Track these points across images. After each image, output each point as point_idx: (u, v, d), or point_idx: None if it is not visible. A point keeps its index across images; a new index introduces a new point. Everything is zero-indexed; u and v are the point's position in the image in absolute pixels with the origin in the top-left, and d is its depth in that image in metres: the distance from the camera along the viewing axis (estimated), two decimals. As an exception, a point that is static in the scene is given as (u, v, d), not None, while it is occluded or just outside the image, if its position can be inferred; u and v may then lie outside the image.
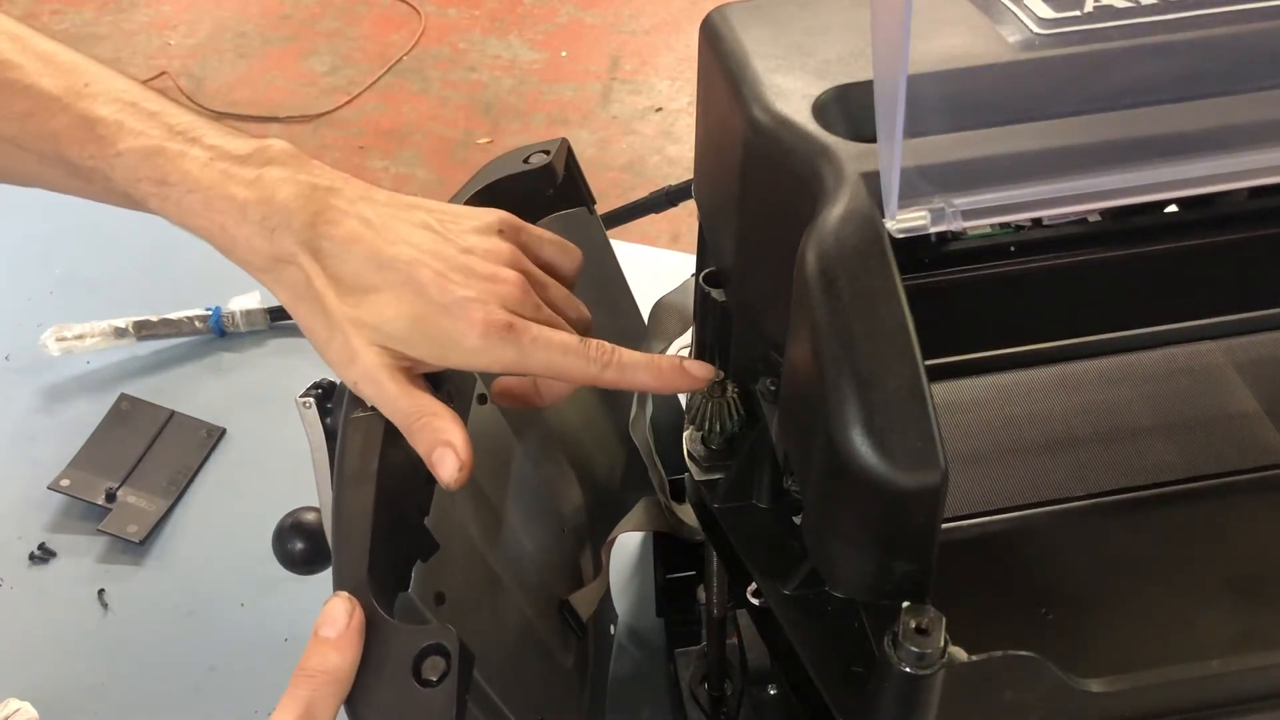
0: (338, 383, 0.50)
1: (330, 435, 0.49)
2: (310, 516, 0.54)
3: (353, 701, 0.40)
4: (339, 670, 0.39)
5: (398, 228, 0.48)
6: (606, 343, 0.49)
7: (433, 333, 0.46)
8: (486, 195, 0.58)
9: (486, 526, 0.58)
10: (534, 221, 0.61)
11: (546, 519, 0.67)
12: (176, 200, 0.48)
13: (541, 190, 0.60)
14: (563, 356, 0.48)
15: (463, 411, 0.54)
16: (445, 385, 0.52)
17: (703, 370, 0.49)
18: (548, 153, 0.59)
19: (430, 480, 0.50)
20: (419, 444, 0.46)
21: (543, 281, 0.52)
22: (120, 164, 0.48)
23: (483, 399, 0.59)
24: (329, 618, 0.40)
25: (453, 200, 0.56)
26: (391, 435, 0.46)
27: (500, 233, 0.51)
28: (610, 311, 0.70)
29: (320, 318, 0.47)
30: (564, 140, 0.61)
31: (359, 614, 0.40)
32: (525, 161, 0.59)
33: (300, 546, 0.54)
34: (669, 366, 0.49)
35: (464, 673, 0.39)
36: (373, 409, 0.47)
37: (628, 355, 0.49)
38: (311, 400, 0.49)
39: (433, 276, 0.47)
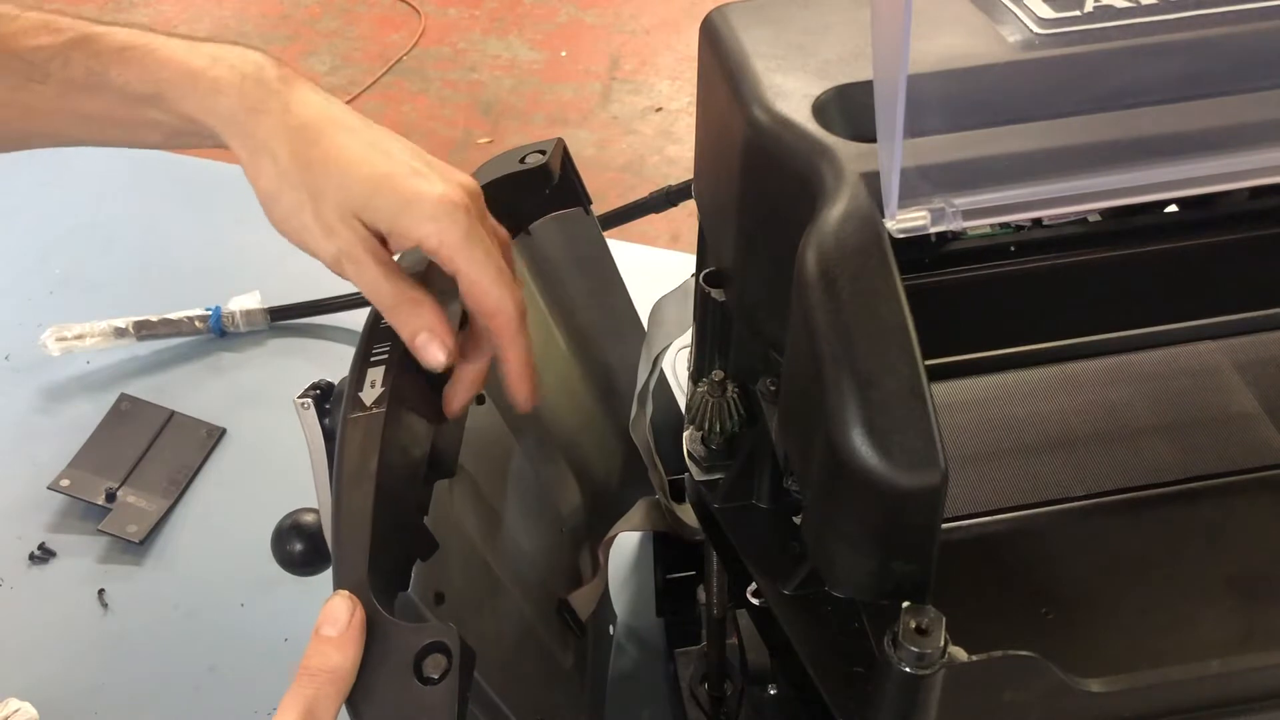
0: (335, 383, 0.50)
1: (329, 435, 0.49)
2: (309, 517, 0.54)
3: (354, 700, 0.40)
4: (340, 669, 0.39)
5: (364, 119, 0.49)
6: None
7: (396, 190, 0.46)
8: (484, 195, 0.58)
9: (485, 526, 0.58)
10: (530, 222, 0.61)
11: (545, 519, 0.67)
12: (140, 60, 0.48)
13: (537, 190, 0.60)
14: (494, 270, 0.47)
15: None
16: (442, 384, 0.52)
17: (530, 402, 0.51)
18: (543, 153, 0.59)
19: (429, 479, 0.50)
20: (403, 327, 0.46)
21: (500, 236, 0.52)
22: (79, 47, 0.48)
23: (481, 399, 0.59)
24: (330, 617, 0.40)
25: None
26: (390, 434, 0.46)
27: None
28: (605, 311, 0.70)
29: (282, 179, 0.47)
30: (559, 140, 0.61)
31: (360, 613, 0.40)
32: (521, 162, 0.59)
33: (299, 548, 0.54)
34: (531, 372, 0.50)
35: (465, 671, 0.39)
36: (371, 407, 0.47)
37: (522, 329, 0.49)
38: (310, 401, 0.49)
39: (400, 147, 0.48)
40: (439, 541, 0.49)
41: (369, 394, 0.47)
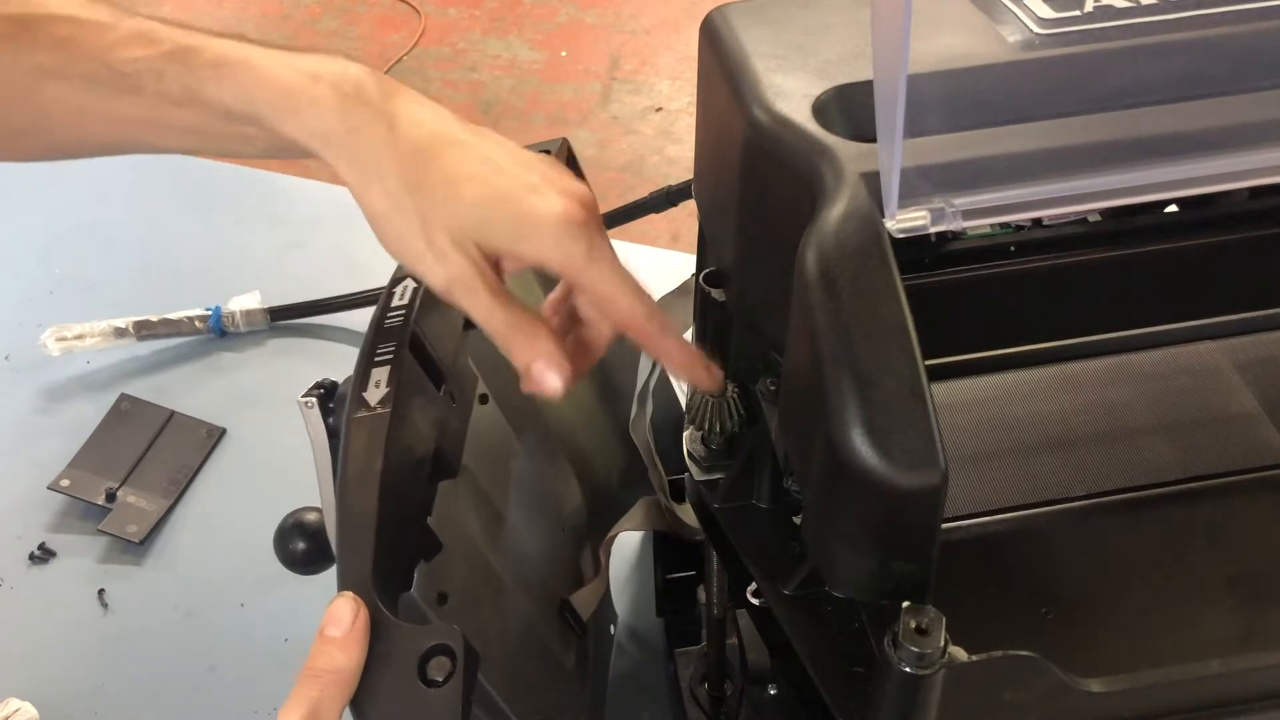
0: (340, 383, 0.50)
1: (333, 435, 0.49)
2: (312, 516, 0.54)
3: (358, 701, 0.40)
4: (344, 670, 0.39)
5: (471, 127, 0.47)
6: None
7: (513, 212, 0.45)
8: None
9: (488, 526, 0.58)
10: None
11: (547, 518, 0.67)
12: (237, 78, 0.46)
13: None
14: (622, 280, 0.46)
15: (463, 413, 0.54)
16: (445, 384, 0.52)
17: (716, 377, 0.48)
18: (549, 152, 0.59)
19: (433, 479, 0.50)
20: (518, 355, 0.45)
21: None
22: (176, 60, 0.46)
23: (484, 399, 0.59)
24: (334, 617, 0.40)
25: None
26: (395, 435, 0.46)
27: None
28: None
29: (395, 205, 0.45)
30: (564, 140, 0.61)
31: (364, 614, 0.40)
32: None
33: (302, 546, 0.54)
34: (697, 355, 0.48)
35: (469, 673, 0.39)
36: (376, 407, 0.47)
37: (670, 319, 0.47)
38: (314, 400, 0.49)
39: (512, 159, 0.46)
40: (442, 542, 0.49)
41: (374, 394, 0.47)
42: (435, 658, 0.39)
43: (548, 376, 0.45)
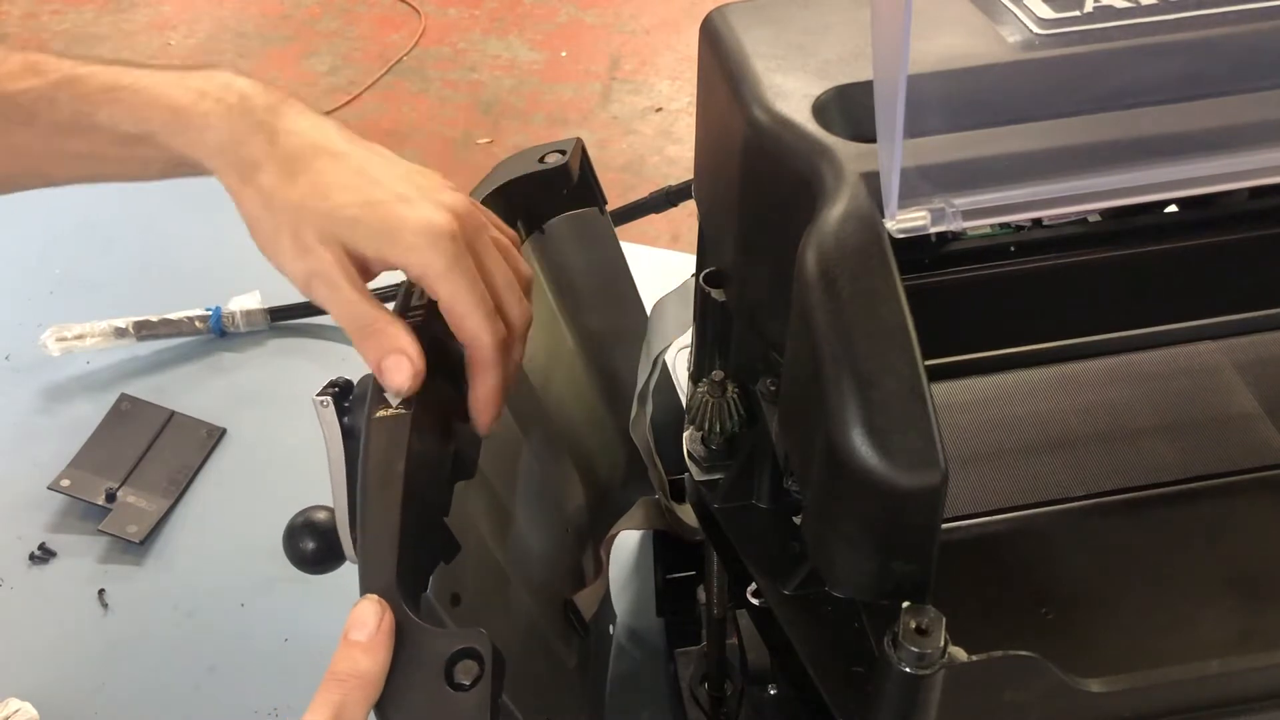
0: (355, 381, 0.50)
1: (347, 434, 0.49)
2: (322, 515, 0.54)
3: (383, 705, 0.39)
4: (369, 674, 0.39)
5: (354, 140, 0.49)
6: (512, 333, 0.49)
7: (378, 217, 0.46)
8: (503, 194, 0.58)
9: (496, 526, 0.58)
10: (546, 220, 0.62)
11: (551, 518, 0.67)
12: (127, 100, 0.48)
13: (556, 190, 0.60)
14: (476, 300, 0.47)
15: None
16: (463, 383, 0.52)
17: (489, 426, 0.49)
18: (563, 153, 0.59)
19: (451, 479, 0.49)
20: (369, 351, 0.46)
21: (503, 245, 0.51)
22: (65, 88, 0.48)
23: None
24: (358, 621, 0.40)
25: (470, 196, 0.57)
26: (417, 435, 0.46)
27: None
28: (617, 311, 0.70)
29: (266, 206, 0.47)
30: (579, 140, 0.61)
31: (389, 617, 0.40)
32: (540, 161, 0.59)
33: (312, 546, 0.53)
34: (496, 404, 0.49)
35: (497, 676, 0.39)
36: (400, 407, 0.46)
37: (498, 360, 0.48)
38: (329, 399, 0.48)
39: (388, 171, 0.48)
40: (460, 544, 0.49)
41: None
42: (462, 661, 0.39)
43: (397, 372, 0.46)
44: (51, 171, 0.52)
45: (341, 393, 0.49)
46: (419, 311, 0.50)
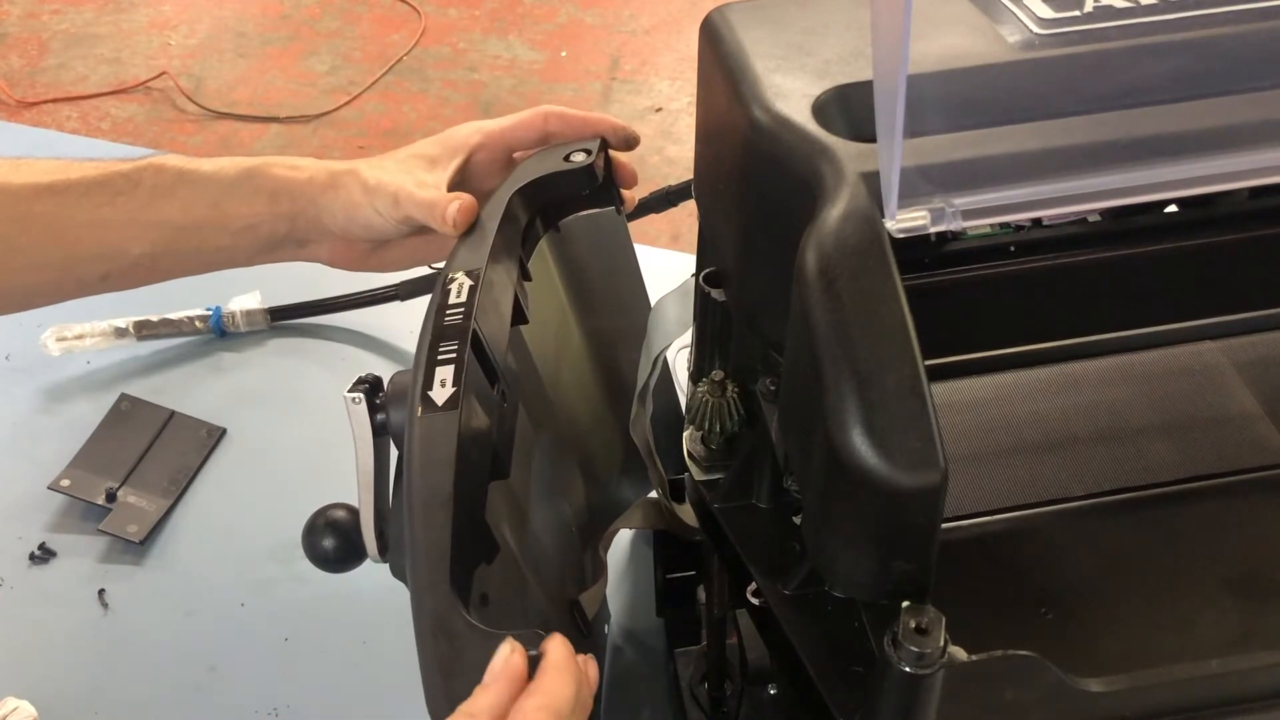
0: (385, 379, 0.50)
1: (378, 432, 0.48)
2: (341, 513, 0.53)
3: (439, 707, 0.40)
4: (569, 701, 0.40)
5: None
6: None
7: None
8: (529, 191, 0.58)
9: (517, 526, 0.58)
10: (563, 218, 0.62)
11: (559, 518, 0.67)
12: (204, 183, 0.64)
13: (578, 189, 0.60)
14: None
15: (513, 412, 0.54)
16: (499, 383, 0.51)
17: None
18: (589, 151, 0.59)
19: (488, 479, 0.49)
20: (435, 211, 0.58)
21: None
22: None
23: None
24: (548, 655, 0.41)
25: (494, 194, 0.58)
26: (464, 436, 0.46)
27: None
28: (625, 312, 0.70)
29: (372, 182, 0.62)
30: (602, 140, 0.61)
31: (564, 643, 0.41)
32: (566, 160, 0.59)
33: (333, 544, 0.53)
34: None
35: None
36: (444, 407, 0.46)
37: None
38: (360, 395, 0.48)
39: (400, 167, 0.64)
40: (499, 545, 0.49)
41: (439, 393, 0.46)
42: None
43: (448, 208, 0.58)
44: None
45: (372, 389, 0.48)
46: (457, 311, 0.50)
